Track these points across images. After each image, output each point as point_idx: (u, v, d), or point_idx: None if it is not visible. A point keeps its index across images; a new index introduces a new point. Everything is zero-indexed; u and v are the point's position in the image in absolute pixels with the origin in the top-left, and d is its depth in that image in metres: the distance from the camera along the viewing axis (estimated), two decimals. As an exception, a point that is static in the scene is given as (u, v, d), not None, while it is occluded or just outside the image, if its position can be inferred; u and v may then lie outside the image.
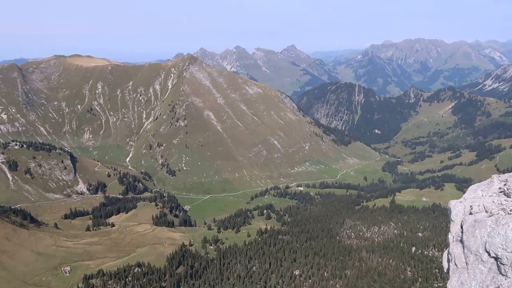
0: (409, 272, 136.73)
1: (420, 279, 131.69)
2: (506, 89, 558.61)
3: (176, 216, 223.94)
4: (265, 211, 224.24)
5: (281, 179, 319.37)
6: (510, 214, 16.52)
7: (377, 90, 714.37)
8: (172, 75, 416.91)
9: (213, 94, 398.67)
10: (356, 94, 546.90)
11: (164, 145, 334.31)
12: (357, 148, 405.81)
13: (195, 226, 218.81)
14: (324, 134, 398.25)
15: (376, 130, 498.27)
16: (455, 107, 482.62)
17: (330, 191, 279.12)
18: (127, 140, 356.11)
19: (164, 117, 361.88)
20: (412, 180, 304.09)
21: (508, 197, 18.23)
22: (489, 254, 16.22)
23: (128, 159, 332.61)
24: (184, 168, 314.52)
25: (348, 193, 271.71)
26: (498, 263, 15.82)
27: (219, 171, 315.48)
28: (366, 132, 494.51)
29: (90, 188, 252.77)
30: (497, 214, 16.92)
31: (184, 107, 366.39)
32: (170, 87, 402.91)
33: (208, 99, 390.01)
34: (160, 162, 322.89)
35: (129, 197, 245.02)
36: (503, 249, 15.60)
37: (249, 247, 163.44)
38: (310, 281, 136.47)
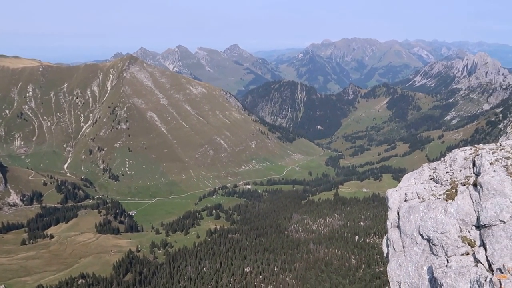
0: (353, 260, 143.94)
1: (363, 266, 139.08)
2: (433, 84, 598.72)
3: (121, 222, 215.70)
4: (214, 211, 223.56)
5: (229, 178, 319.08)
6: (439, 198, 18.33)
7: (318, 87, 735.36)
8: (111, 76, 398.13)
9: (156, 95, 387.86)
10: (298, 92, 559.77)
11: (106, 149, 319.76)
12: (301, 144, 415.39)
13: (142, 231, 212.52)
14: (269, 132, 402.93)
15: (319, 126, 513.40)
16: (390, 102, 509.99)
17: (277, 188, 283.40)
18: (64, 145, 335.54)
19: (104, 120, 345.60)
20: (353, 172, 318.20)
21: (437, 183, 20.14)
22: (422, 237, 17.90)
23: (66, 165, 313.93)
24: (128, 172, 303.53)
25: (294, 188, 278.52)
26: (431, 244, 17.52)
27: (165, 173, 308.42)
28: (310, 128, 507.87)
29: (24, 198, 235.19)
30: (428, 199, 18.68)
31: (125, 109, 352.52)
32: (109, 88, 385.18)
33: (151, 100, 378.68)
34: (101, 167, 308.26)
35: (69, 206, 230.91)
36: (434, 231, 17.30)
37: (199, 248, 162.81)
38: (261, 277, 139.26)
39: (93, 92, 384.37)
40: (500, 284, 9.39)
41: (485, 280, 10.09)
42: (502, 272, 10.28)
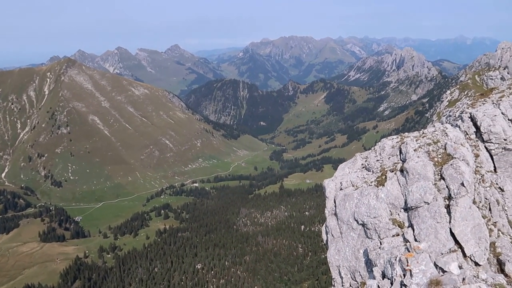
0: (300, 249, 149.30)
1: (310, 253, 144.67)
2: (366, 78, 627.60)
3: (66, 229, 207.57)
4: (162, 211, 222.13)
5: (176, 177, 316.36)
6: (371, 185, 19.72)
7: (260, 85, 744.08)
8: (48, 80, 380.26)
9: (97, 98, 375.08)
10: (240, 90, 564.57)
11: (46, 155, 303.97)
12: (246, 140, 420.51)
13: (90, 237, 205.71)
14: (214, 130, 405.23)
15: (262, 122, 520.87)
16: (327, 97, 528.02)
17: (224, 184, 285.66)
18: (1, 154, 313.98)
19: (43, 125, 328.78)
20: (297, 165, 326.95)
21: (368, 171, 21.60)
22: (357, 222, 19.19)
23: (3, 174, 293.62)
24: (71, 177, 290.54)
25: (241, 183, 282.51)
26: (365, 228, 18.84)
27: (111, 176, 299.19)
28: (253, 125, 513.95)
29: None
30: (361, 187, 20.03)
31: (65, 113, 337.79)
32: (47, 93, 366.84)
33: (92, 103, 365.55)
34: (42, 174, 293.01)
35: (9, 216, 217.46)
36: (367, 216, 18.62)
37: (149, 249, 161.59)
38: (212, 272, 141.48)
39: (29, 97, 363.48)
40: (407, 262, 10.54)
41: (395, 260, 11.19)
42: (409, 251, 11.47)
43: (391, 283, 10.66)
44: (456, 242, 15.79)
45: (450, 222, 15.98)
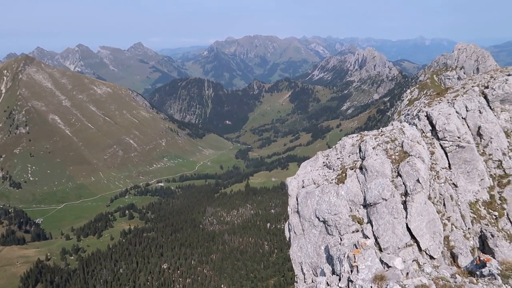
0: (266, 246, 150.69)
1: (276, 250, 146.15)
2: (330, 77, 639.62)
3: (27, 231, 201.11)
4: (127, 211, 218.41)
5: (141, 177, 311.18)
6: (332, 183, 20.06)
7: (225, 83, 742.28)
8: (5, 78, 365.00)
9: (57, 97, 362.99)
10: (206, 89, 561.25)
11: (4, 156, 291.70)
12: (211, 139, 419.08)
13: (51, 239, 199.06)
14: (179, 129, 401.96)
15: (227, 121, 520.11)
16: (292, 96, 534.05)
17: (190, 183, 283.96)
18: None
19: (0, 125, 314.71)
20: (262, 163, 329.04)
21: (330, 169, 21.96)
22: (319, 219, 19.48)
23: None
24: (31, 178, 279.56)
25: (207, 182, 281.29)
26: (326, 225, 19.16)
27: (73, 177, 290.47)
28: (218, 123, 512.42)
29: None
30: (322, 184, 20.34)
31: (23, 112, 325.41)
32: (4, 91, 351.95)
33: (52, 102, 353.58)
34: (0, 175, 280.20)
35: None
36: (328, 213, 18.94)
37: (113, 250, 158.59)
38: (178, 271, 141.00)
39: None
40: (355, 258, 10.84)
41: (344, 256, 11.48)
42: (356, 248, 11.80)
43: (339, 279, 10.90)
44: (412, 236, 16.34)
45: (406, 217, 16.52)
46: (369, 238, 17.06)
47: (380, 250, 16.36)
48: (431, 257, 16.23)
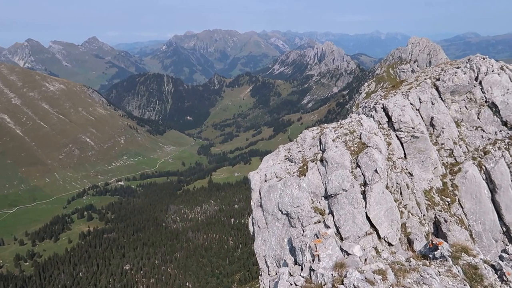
0: (231, 241, 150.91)
1: (240, 245, 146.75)
2: (290, 72, 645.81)
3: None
4: (85, 212, 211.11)
5: (99, 176, 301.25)
6: (293, 176, 20.34)
7: (185, 79, 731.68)
8: None
9: (5, 94, 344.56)
10: (165, 84, 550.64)
11: None
12: (172, 136, 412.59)
13: (3, 245, 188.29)
14: (138, 126, 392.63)
15: (188, 117, 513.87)
16: (253, 90, 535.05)
17: (151, 181, 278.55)
18: None
19: None
20: (225, 159, 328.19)
21: (291, 162, 22.25)
22: (282, 212, 19.72)
23: None
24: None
25: (168, 180, 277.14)
26: (289, 218, 19.42)
27: (26, 179, 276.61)
28: (179, 119, 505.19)
29: None
30: (284, 177, 20.58)
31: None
32: None
33: (0, 100, 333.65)
34: None
35: None
36: (291, 205, 19.20)
37: (72, 253, 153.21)
38: (141, 272, 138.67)
39: None
40: (316, 248, 11.14)
41: (306, 246, 11.75)
42: (317, 237, 12.11)
43: (302, 269, 11.14)
44: (372, 225, 16.91)
45: (366, 207, 17.05)
46: (329, 228, 17.49)
47: (342, 239, 16.80)
48: (390, 244, 16.86)
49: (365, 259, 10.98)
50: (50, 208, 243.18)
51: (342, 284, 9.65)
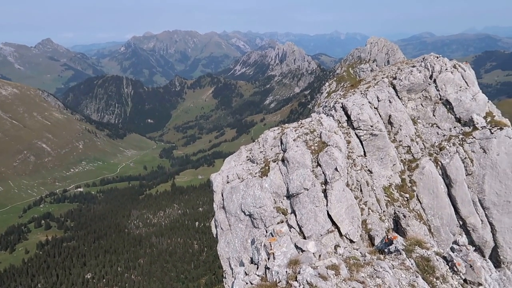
0: (196, 245, 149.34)
1: (205, 249, 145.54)
2: (252, 72, 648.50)
3: None
4: (43, 221, 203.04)
5: (57, 183, 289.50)
6: (256, 176, 20.16)
7: (145, 81, 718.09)
8: None
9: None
10: (124, 87, 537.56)
11: None
12: (133, 139, 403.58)
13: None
14: (97, 130, 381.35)
15: (149, 120, 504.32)
16: (215, 91, 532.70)
17: (112, 187, 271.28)
18: None
19: None
20: (188, 161, 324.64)
21: (253, 163, 22.07)
22: (244, 213, 19.49)
23: None
24: None
25: (130, 185, 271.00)
26: (252, 219, 19.22)
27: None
28: (140, 122, 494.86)
29: None
30: (247, 178, 20.36)
31: None
32: None
33: None
34: None
35: None
36: (253, 206, 19.02)
37: (29, 264, 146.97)
38: (104, 280, 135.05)
39: None
40: (271, 246, 11.09)
41: (261, 245, 11.65)
42: (273, 236, 12.05)
43: (257, 268, 11.05)
44: (333, 223, 16.99)
45: (327, 205, 17.12)
46: (292, 227, 17.45)
47: (305, 238, 16.76)
48: (351, 241, 17.01)
49: (320, 255, 11.04)
50: (4, 217, 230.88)
51: (296, 280, 9.69)
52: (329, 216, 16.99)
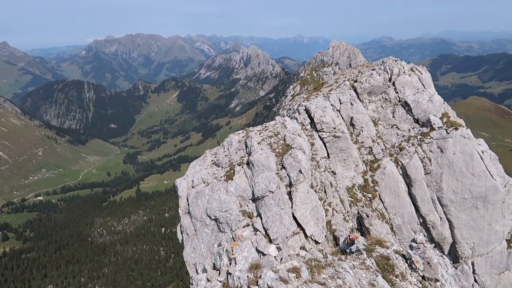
0: (162, 252, 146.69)
1: (172, 255, 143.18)
2: (217, 76, 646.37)
3: None
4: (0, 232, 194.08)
5: (15, 192, 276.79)
6: (221, 180, 20.04)
7: (107, 85, 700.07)
8: None
9: None
10: (86, 91, 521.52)
11: None
12: (95, 145, 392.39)
13: None
14: (58, 136, 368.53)
15: (112, 125, 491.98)
16: (180, 95, 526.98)
17: (74, 194, 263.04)
18: None
19: None
20: (153, 167, 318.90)
21: (218, 166, 21.94)
22: (210, 218, 19.32)
23: None
24: None
25: (93, 192, 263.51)
26: (218, 223, 19.08)
27: None
28: (103, 128, 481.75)
29: None
30: (212, 182, 20.21)
31: None
32: None
33: None
34: None
35: None
36: (219, 210, 18.88)
37: None
38: None
39: None
40: (233, 251, 11.11)
41: (223, 250, 11.64)
42: (235, 240, 12.08)
43: (219, 274, 11.00)
44: (298, 225, 17.14)
45: (292, 207, 17.26)
46: (258, 230, 17.46)
47: (271, 241, 16.80)
48: (316, 242, 17.21)
49: (281, 258, 11.11)
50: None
51: (257, 285, 9.72)
52: (294, 218, 17.13)
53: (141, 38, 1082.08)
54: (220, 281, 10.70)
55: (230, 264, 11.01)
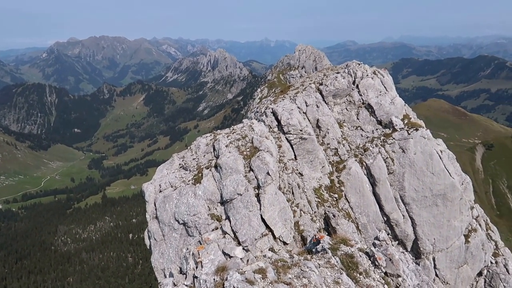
0: (130, 258, 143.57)
1: (141, 261, 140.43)
2: (184, 79, 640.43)
3: None
4: None
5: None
6: (189, 184, 19.95)
7: (70, 88, 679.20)
8: None
9: None
10: (47, 95, 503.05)
11: None
12: (58, 150, 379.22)
13: None
14: (17, 141, 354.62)
15: (76, 129, 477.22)
16: (146, 99, 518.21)
17: (36, 202, 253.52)
18: None
19: None
20: (119, 171, 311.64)
21: (186, 170, 21.82)
22: (178, 222, 19.19)
23: None
24: None
25: (56, 199, 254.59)
26: (186, 227, 18.98)
27: None
28: (66, 132, 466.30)
29: None
30: (180, 186, 20.09)
31: None
32: None
33: None
34: None
35: None
36: (187, 214, 18.79)
37: None
38: None
39: None
40: (199, 254, 11.21)
41: (189, 254, 11.70)
42: (201, 244, 12.18)
43: (186, 278, 11.02)
44: (267, 226, 17.33)
45: (260, 209, 17.43)
46: (227, 233, 17.51)
47: (239, 243, 16.90)
48: (285, 243, 17.47)
49: (248, 260, 11.24)
50: None
51: (223, 287, 9.78)
52: (263, 220, 17.31)
53: (105, 40, 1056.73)
54: (186, 285, 10.69)
55: (196, 267, 11.03)
